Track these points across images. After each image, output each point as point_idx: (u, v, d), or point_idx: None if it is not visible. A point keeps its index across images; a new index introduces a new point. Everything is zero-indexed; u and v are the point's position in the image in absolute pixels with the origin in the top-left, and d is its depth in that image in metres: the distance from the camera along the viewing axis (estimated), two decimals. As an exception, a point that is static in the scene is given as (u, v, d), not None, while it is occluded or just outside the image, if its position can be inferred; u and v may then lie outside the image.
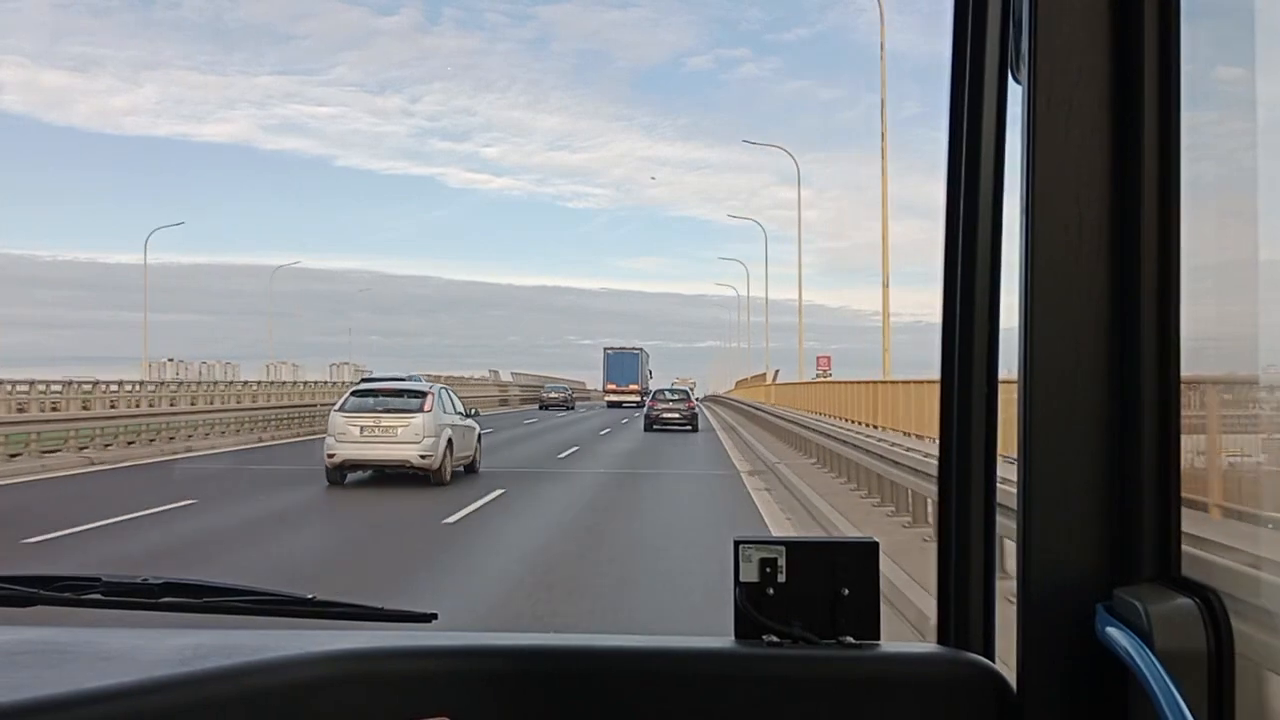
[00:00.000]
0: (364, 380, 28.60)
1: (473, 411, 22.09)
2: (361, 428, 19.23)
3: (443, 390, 20.96)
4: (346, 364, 52.31)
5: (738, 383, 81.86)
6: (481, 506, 16.06)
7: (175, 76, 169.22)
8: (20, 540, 12.18)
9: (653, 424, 40.41)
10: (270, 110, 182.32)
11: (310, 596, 1.81)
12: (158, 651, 1.65)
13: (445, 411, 20.04)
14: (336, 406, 20.22)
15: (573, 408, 71.73)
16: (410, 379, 29.49)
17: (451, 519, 14.68)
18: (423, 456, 18.91)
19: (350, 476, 19.36)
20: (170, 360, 37.58)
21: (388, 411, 19.50)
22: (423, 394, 20.19)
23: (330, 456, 19.05)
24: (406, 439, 18.98)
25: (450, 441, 19.62)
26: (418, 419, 19.13)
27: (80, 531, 13.13)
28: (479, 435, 21.92)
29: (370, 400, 20.16)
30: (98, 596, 1.75)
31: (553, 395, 72.73)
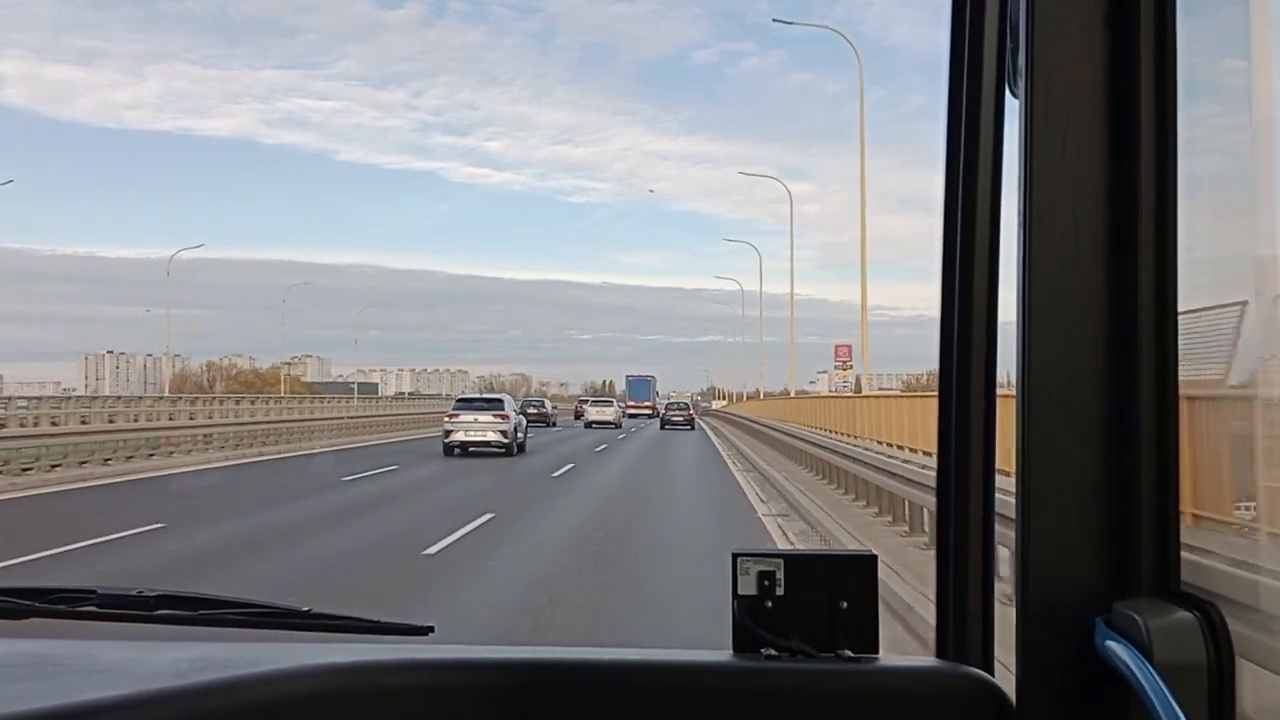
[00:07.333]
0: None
1: None
2: None
3: None
4: (310, 357, 52.13)
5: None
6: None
7: (179, 70, 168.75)
8: None
9: (664, 424, 64.14)
10: (273, 104, 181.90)
11: (306, 609, 1.80)
12: (153, 664, 1.64)
13: None
14: None
15: None
16: None
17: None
18: None
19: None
20: (110, 353, 36.21)
21: None
22: None
23: None
24: None
25: None
26: None
27: None
28: None
29: None
30: (93, 609, 1.74)
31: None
